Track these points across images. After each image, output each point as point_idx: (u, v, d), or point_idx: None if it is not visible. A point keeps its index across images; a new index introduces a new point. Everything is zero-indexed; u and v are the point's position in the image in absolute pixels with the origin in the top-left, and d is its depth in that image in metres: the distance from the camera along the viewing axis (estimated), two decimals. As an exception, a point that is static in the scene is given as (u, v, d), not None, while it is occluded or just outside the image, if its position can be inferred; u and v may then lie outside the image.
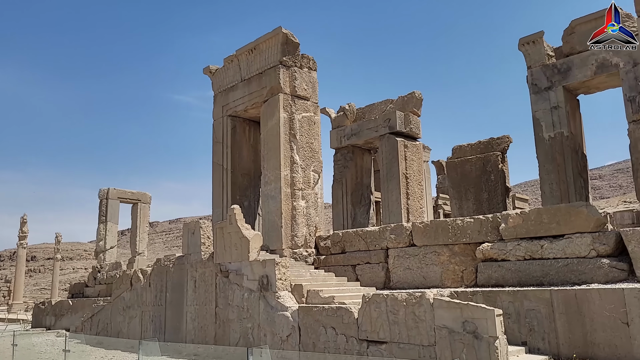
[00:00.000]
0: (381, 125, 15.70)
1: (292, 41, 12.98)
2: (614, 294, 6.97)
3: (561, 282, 8.08)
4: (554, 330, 7.45)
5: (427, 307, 6.87)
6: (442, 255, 9.90)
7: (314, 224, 12.52)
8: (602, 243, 7.95)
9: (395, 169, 15.00)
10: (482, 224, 9.50)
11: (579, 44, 13.07)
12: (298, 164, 12.48)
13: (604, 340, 6.96)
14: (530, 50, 13.68)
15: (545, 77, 13.46)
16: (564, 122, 13.05)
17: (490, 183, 15.43)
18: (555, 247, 8.41)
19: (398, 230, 10.74)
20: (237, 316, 10.11)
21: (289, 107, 12.69)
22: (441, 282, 9.81)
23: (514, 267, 8.77)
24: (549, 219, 8.60)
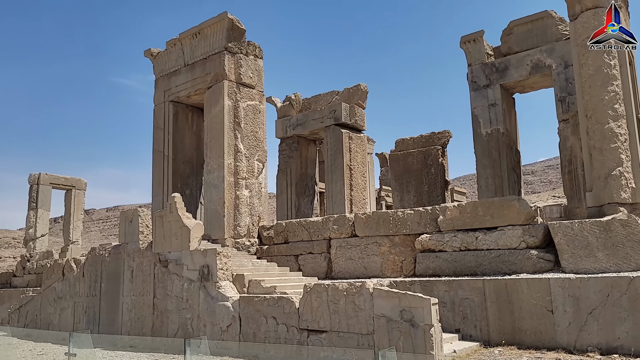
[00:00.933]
0: (327, 117, 15.78)
1: (238, 27, 12.73)
2: (540, 284, 7.39)
3: (493, 272, 8.45)
4: (485, 318, 7.81)
5: (367, 297, 7.02)
6: (383, 245, 10.12)
7: (258, 214, 12.43)
8: (531, 235, 8.37)
9: (340, 160, 15.15)
10: (421, 215, 9.79)
11: (516, 45, 13.68)
12: (242, 152, 12.32)
13: (530, 327, 7.38)
14: (471, 49, 14.19)
15: (484, 75, 14.01)
16: (501, 119, 13.66)
17: (430, 176, 15.93)
18: (488, 238, 8.78)
19: (341, 221, 10.88)
20: (176, 307, 9.90)
21: (233, 95, 12.47)
22: (381, 272, 10.05)
23: (450, 257, 9.09)
24: (484, 212, 8.97)
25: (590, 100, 8.48)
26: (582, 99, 8.69)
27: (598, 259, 7.48)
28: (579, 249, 7.67)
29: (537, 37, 13.17)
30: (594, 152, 8.48)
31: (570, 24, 9.09)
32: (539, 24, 13.21)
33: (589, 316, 6.87)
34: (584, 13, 8.69)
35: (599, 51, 8.44)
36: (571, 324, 7.00)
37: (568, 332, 7.01)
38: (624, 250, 7.30)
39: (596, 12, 8.57)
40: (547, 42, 12.97)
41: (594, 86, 8.43)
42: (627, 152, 8.37)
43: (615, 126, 8.31)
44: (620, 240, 7.36)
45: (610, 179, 8.21)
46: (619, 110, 8.39)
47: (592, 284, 6.93)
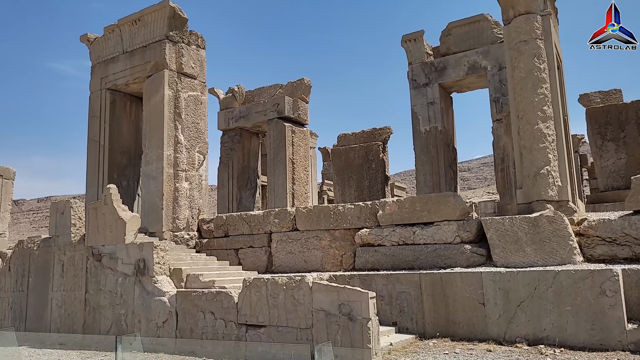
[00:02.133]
0: (270, 110, 15.64)
1: (180, 16, 12.32)
2: (473, 277, 7.68)
3: (430, 266, 8.69)
4: (421, 311, 8.03)
5: (306, 291, 7.03)
6: (324, 240, 10.18)
7: (198, 207, 12.14)
8: (465, 230, 8.68)
9: (283, 153, 15.07)
10: (361, 210, 9.92)
11: (454, 45, 14.15)
12: (182, 144, 11.97)
13: (463, 320, 7.65)
14: (412, 48, 14.52)
15: (424, 74, 14.39)
16: (439, 117, 14.11)
17: (371, 171, 16.19)
18: (425, 233, 9.02)
19: (282, 215, 10.83)
20: (110, 302, 9.51)
21: (174, 85, 12.08)
22: (322, 266, 10.11)
23: (389, 252, 9.27)
24: (421, 207, 9.21)
25: (522, 102, 8.90)
26: (514, 100, 9.10)
27: (527, 254, 7.87)
28: (510, 243, 8.03)
29: (474, 39, 13.69)
30: (524, 151, 8.90)
31: (504, 27, 9.48)
32: (476, 27, 13.74)
33: (517, 308, 7.20)
34: (517, 18, 9.08)
35: (530, 55, 8.86)
36: (501, 316, 7.31)
37: (498, 324, 7.33)
38: (550, 245, 7.72)
39: (528, 17, 8.97)
40: (483, 44, 13.52)
41: (525, 88, 8.84)
42: (554, 152, 8.84)
43: (544, 127, 8.75)
44: (547, 235, 7.78)
45: (538, 177, 8.64)
46: (548, 112, 8.84)
47: (521, 278, 7.26)
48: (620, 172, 13.42)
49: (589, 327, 6.58)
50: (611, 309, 6.46)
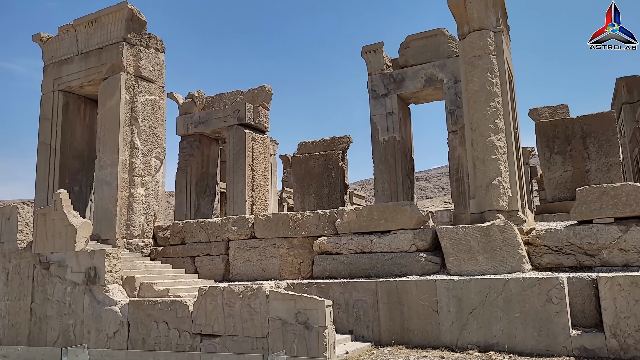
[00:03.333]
0: (230, 116, 15.51)
1: (139, 19, 12.09)
2: (428, 285, 7.82)
3: (386, 274, 8.80)
4: (377, 319, 8.11)
5: (262, 300, 6.98)
6: (282, 247, 10.16)
7: (154, 213, 11.86)
8: (421, 239, 8.85)
9: (242, 160, 14.96)
10: (320, 218, 9.96)
11: (412, 58, 14.50)
12: (139, 149, 11.69)
13: (418, 327, 7.77)
14: (372, 59, 14.78)
15: (383, 85, 14.66)
16: (397, 127, 14.38)
17: (331, 179, 16.30)
18: (382, 241, 9.14)
19: (240, 222, 10.74)
20: (57, 312, 9.13)
21: (131, 88, 11.80)
22: (279, 274, 10.07)
23: (346, 260, 9.33)
24: (379, 216, 9.34)
25: (475, 115, 9.19)
26: (468, 112, 9.40)
27: (479, 262, 8.10)
28: (463, 252, 8.25)
29: (431, 52, 14.08)
30: (477, 162, 9.18)
31: (459, 42, 9.78)
32: (433, 40, 14.13)
33: (469, 316, 7.38)
34: (471, 34, 9.40)
35: (483, 69, 9.18)
36: (454, 323, 7.48)
37: (451, 331, 7.48)
38: (501, 253, 7.98)
39: (482, 33, 9.31)
40: (440, 57, 13.92)
41: (478, 101, 9.15)
42: (505, 163, 9.15)
43: (495, 139, 9.06)
44: (498, 244, 8.04)
45: (490, 187, 8.93)
46: (500, 124, 9.16)
47: (473, 286, 7.46)
48: (566, 184, 14.06)
49: (537, 334, 6.83)
50: (557, 316, 6.73)
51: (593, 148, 13.91)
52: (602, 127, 14.02)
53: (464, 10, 9.56)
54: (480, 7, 9.39)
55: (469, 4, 9.46)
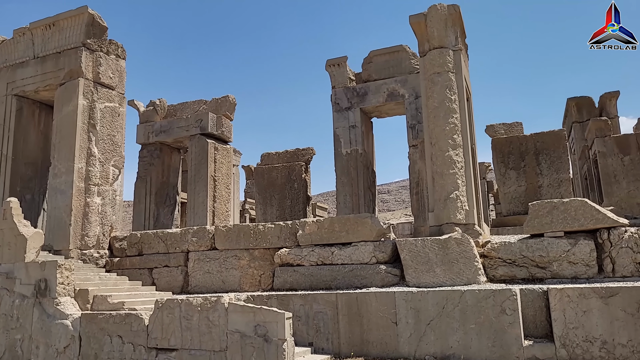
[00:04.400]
0: (192, 125, 15.32)
1: (100, 24, 11.84)
2: (387, 297, 7.89)
3: (346, 286, 8.83)
4: (337, 331, 8.12)
5: (221, 312, 6.88)
6: (243, 259, 10.06)
7: (110, 223, 11.52)
8: (381, 251, 8.95)
9: (204, 170, 14.78)
10: (281, 230, 9.93)
11: (375, 73, 14.78)
12: (96, 157, 11.37)
13: (377, 339, 7.82)
14: (336, 72, 14.98)
15: (346, 98, 14.86)
16: (360, 140, 14.57)
17: (293, 191, 16.31)
18: (343, 253, 9.19)
19: (200, 233, 10.57)
20: (4, 326, 8.70)
21: (90, 95, 11.50)
22: (240, 286, 9.95)
23: (307, 271, 9.32)
24: (340, 228, 9.40)
25: (435, 130, 9.44)
26: (428, 127, 9.64)
27: (437, 274, 8.25)
28: (421, 264, 8.39)
29: (393, 68, 14.40)
30: (436, 176, 9.40)
31: (420, 59, 10.06)
32: (395, 56, 14.47)
33: (427, 327, 7.48)
34: (432, 51, 9.69)
35: (443, 86, 9.45)
36: (412, 335, 7.57)
37: (409, 343, 7.57)
38: (458, 266, 8.16)
39: (441, 51, 9.61)
40: (402, 73, 14.25)
41: (438, 117, 9.40)
42: (463, 178, 9.41)
43: (454, 154, 9.31)
44: (455, 257, 8.22)
45: (448, 201, 9.15)
46: (458, 140, 9.43)
47: (431, 297, 7.58)
48: (520, 199, 14.59)
49: (491, 344, 7.00)
50: (510, 327, 6.93)
51: (545, 164, 14.51)
52: (553, 145, 14.66)
53: (425, 29, 9.85)
54: (440, 26, 9.69)
55: (430, 22, 9.75)
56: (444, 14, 9.71)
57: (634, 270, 7.31)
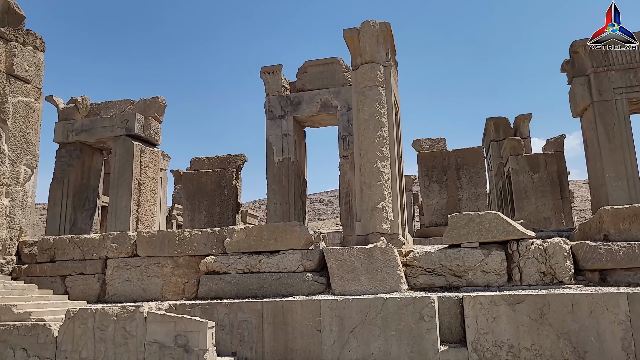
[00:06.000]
0: (118, 126, 14.66)
1: (16, 12, 11.05)
2: (312, 305, 7.94)
3: (273, 295, 8.78)
4: (261, 340, 8.04)
5: (140, 322, 6.59)
6: (166, 267, 9.71)
7: (19, 227, 10.70)
8: (308, 259, 8.99)
9: (129, 173, 14.16)
10: (208, 237, 9.72)
11: (309, 83, 14.95)
12: (6, 154, 10.55)
13: (301, 347, 7.82)
14: (270, 80, 14.98)
15: (280, 107, 14.89)
16: (292, 149, 14.63)
17: (223, 197, 16.03)
18: (271, 261, 9.14)
19: (121, 239, 10.09)
20: None
21: (1, 87, 10.67)
22: (162, 295, 9.60)
23: (234, 280, 9.17)
24: (269, 236, 9.35)
25: (364, 142, 9.68)
26: (358, 139, 9.87)
27: (362, 282, 8.42)
28: (347, 272, 8.52)
29: (327, 79, 14.66)
30: (364, 187, 9.63)
31: (352, 72, 10.30)
32: (329, 68, 14.75)
33: (350, 334, 7.60)
34: (363, 65, 9.97)
35: (373, 100, 9.73)
36: (335, 342, 7.65)
37: (332, 350, 7.65)
38: (382, 274, 8.38)
39: (372, 66, 9.91)
40: (335, 85, 14.54)
41: (367, 129, 9.66)
42: (389, 189, 9.70)
43: (381, 166, 9.60)
44: (379, 266, 8.44)
45: (375, 211, 9.40)
46: (385, 152, 9.73)
47: (355, 305, 7.71)
48: (442, 210, 15.31)
49: (409, 350, 7.24)
50: (428, 333, 7.21)
51: (465, 179, 15.35)
52: (473, 161, 15.56)
53: (358, 43, 10.11)
54: (372, 42, 9.99)
55: (362, 37, 10.03)
56: (375, 30, 10.02)
57: (539, 279, 7.88)
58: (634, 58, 11.93)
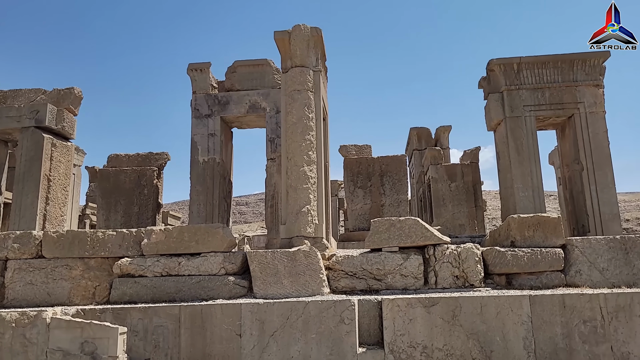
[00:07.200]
0: (26, 116, 13.57)
1: None
2: (233, 309, 7.78)
3: (192, 299, 8.51)
4: (177, 345, 7.75)
5: (42, 328, 6.11)
6: (76, 269, 9.09)
7: None
8: (231, 262, 8.81)
9: (37, 168, 13.14)
10: (124, 238, 9.23)
11: (238, 83, 14.74)
12: None
13: (219, 352, 7.63)
14: (197, 77, 14.59)
15: (207, 105, 14.54)
16: (218, 149, 14.33)
17: (143, 197, 15.34)
18: (191, 264, 8.85)
19: (24, 239, 9.31)
20: None
21: None
22: (69, 299, 8.97)
23: (150, 283, 8.78)
24: (190, 237, 9.05)
25: (291, 145, 9.68)
26: (285, 142, 9.85)
27: (284, 286, 8.38)
28: (270, 276, 8.45)
29: (257, 80, 14.54)
30: (290, 190, 9.62)
31: (282, 75, 10.29)
32: (259, 69, 14.64)
33: (270, 338, 7.53)
34: (293, 69, 9.98)
35: (302, 104, 9.77)
36: (255, 347, 7.55)
37: (252, 354, 7.53)
38: (305, 277, 8.40)
39: (302, 70, 9.95)
40: (265, 87, 14.45)
41: (295, 133, 9.67)
42: (315, 193, 9.77)
43: (308, 170, 9.65)
44: (302, 269, 8.45)
45: (300, 214, 9.42)
46: (312, 156, 9.80)
47: (277, 308, 7.65)
48: (366, 215, 15.68)
49: (329, 353, 7.30)
50: (347, 335, 7.31)
51: (388, 185, 15.85)
52: (396, 168, 16.11)
53: (289, 46, 10.12)
54: (302, 46, 10.04)
55: (293, 40, 10.04)
56: (307, 34, 10.08)
57: (452, 282, 8.27)
58: (542, 79, 12.93)
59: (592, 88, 12.67)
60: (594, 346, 7.23)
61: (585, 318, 7.30)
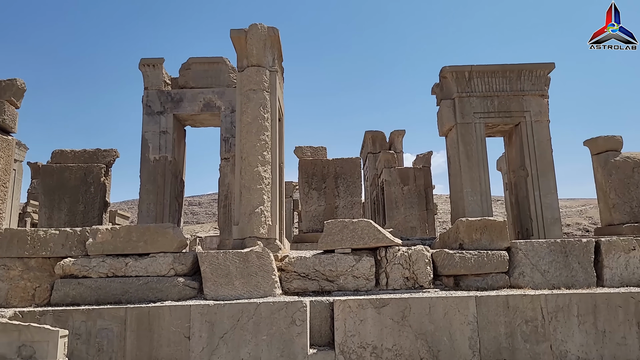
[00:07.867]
0: (-37, 107, 12.77)
1: None
2: (182, 310, 7.61)
3: (139, 300, 8.26)
4: (122, 349, 7.50)
5: (-26, 332, 5.76)
6: (14, 269, 8.63)
7: None
8: (181, 263, 8.62)
9: (-26, 163, 12.38)
10: (67, 237, 8.84)
11: (192, 80, 14.46)
12: None
13: (167, 355, 7.45)
14: (150, 73, 14.21)
15: (160, 102, 14.18)
16: (170, 147, 13.99)
17: (89, 195, 14.74)
18: (139, 265, 8.60)
19: (-42, 238, 8.76)
20: None
21: None
22: (7, 301, 8.49)
23: (95, 284, 8.45)
24: (138, 237, 8.79)
25: (246, 145, 9.59)
26: (240, 142, 9.75)
27: (236, 287, 8.27)
28: (221, 277, 8.32)
29: (212, 78, 14.31)
30: (244, 190, 9.52)
31: (238, 74, 10.17)
32: (215, 67, 14.42)
33: (220, 340, 7.42)
34: (249, 68, 9.90)
35: (257, 103, 9.69)
36: (204, 349, 7.41)
37: (201, 357, 7.39)
38: (256, 279, 8.32)
39: (258, 69, 9.88)
40: (220, 85, 14.24)
41: (250, 133, 9.58)
42: (269, 194, 9.72)
43: (262, 170, 9.58)
44: (255, 270, 8.37)
45: (253, 215, 9.34)
46: (267, 157, 9.74)
47: (227, 310, 7.55)
48: (320, 217, 15.75)
49: (279, 354, 7.27)
50: (298, 337, 7.30)
51: (342, 187, 15.98)
52: (350, 170, 16.27)
53: (245, 45, 10.02)
54: (259, 45, 9.96)
55: (250, 40, 9.96)
56: (263, 33, 10.02)
57: (403, 283, 8.43)
58: (492, 87, 13.41)
59: (538, 98, 13.27)
60: (535, 345, 7.56)
61: (527, 318, 7.62)
